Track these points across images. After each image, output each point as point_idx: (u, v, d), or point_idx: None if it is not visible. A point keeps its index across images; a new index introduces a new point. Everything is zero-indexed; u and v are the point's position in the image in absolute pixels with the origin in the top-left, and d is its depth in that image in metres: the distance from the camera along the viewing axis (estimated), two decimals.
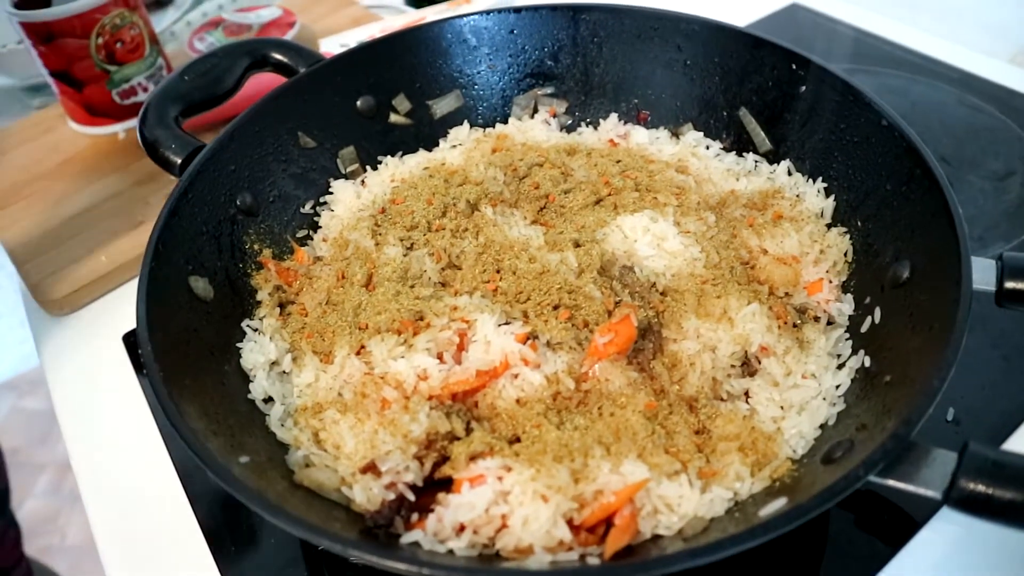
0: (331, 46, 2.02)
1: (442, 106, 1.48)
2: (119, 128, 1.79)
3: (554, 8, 1.45)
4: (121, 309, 1.47)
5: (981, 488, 0.73)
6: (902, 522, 1.04)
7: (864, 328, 1.06)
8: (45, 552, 3.21)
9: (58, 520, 3.41)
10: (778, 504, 0.80)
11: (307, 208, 1.34)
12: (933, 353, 0.85)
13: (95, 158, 1.75)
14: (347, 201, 1.33)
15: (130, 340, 1.40)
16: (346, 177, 1.40)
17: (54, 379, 1.40)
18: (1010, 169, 1.62)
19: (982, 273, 0.93)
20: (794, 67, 1.28)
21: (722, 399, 1.02)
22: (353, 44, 1.90)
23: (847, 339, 1.08)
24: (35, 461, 3.61)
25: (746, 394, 1.03)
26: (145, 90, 1.79)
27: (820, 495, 0.73)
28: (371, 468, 0.92)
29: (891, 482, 0.77)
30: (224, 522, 1.11)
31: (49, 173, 1.72)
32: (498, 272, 1.13)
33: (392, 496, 0.89)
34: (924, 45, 1.95)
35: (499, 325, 1.03)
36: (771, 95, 1.33)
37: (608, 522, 0.87)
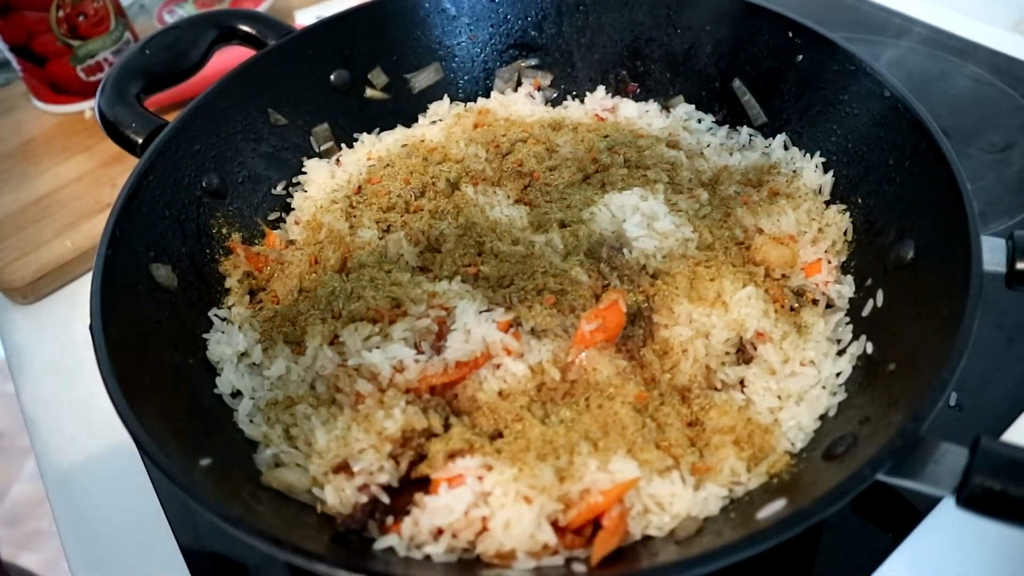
0: (307, 18, 1.93)
1: (421, 80, 1.41)
2: (85, 106, 1.72)
3: None
4: (88, 297, 1.40)
5: (997, 487, 0.68)
6: (903, 510, 1.00)
7: (866, 312, 1.00)
8: (33, 537, 3.16)
9: (46, 505, 3.36)
10: (777, 505, 0.75)
11: (279, 189, 1.27)
12: (941, 340, 0.79)
13: (60, 137, 1.68)
14: (321, 181, 1.27)
15: None
16: (320, 156, 1.33)
17: (19, 371, 1.35)
18: (1010, 141, 1.57)
19: (992, 253, 0.87)
20: (791, 35, 1.21)
21: (716, 389, 0.97)
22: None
23: (847, 323, 1.02)
24: (21, 445, 3.56)
25: (741, 383, 0.97)
26: (112, 66, 1.71)
27: (824, 498, 0.68)
28: (343, 467, 0.86)
29: (898, 480, 0.72)
30: (196, 522, 1.06)
31: (11, 154, 1.65)
32: (479, 255, 1.07)
33: (365, 499, 0.83)
34: (922, 13, 1.88)
35: (480, 312, 0.98)
36: (766, 65, 1.27)
37: (596, 523, 0.82)
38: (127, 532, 1.09)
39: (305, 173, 1.29)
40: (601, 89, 1.42)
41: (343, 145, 1.35)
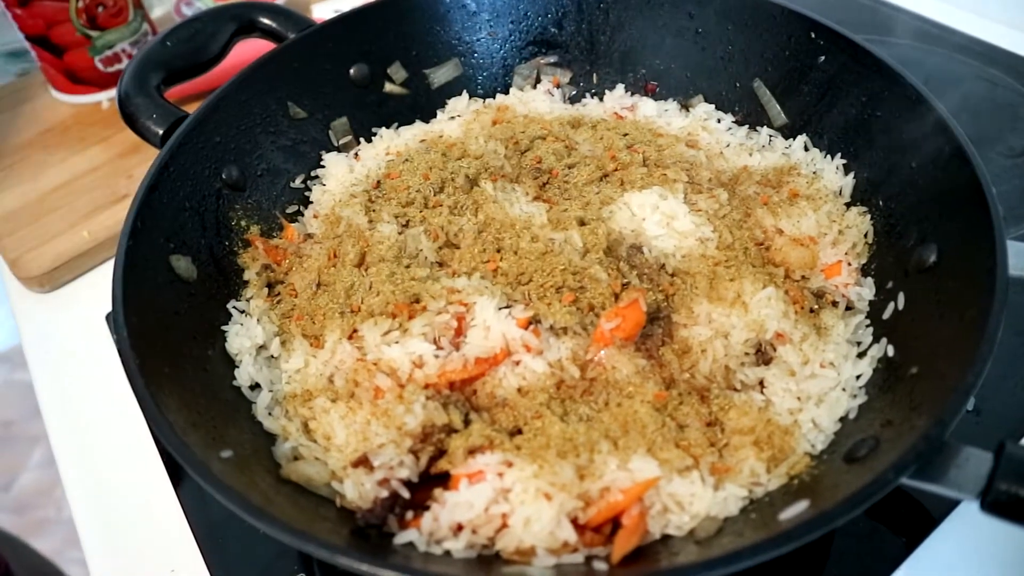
0: (324, 12, 1.94)
1: (440, 75, 1.41)
2: (102, 97, 1.72)
3: None
4: (104, 287, 1.38)
5: (1022, 492, 0.68)
6: (918, 515, 0.99)
7: (886, 315, 1.00)
8: (41, 524, 3.18)
9: (53, 493, 3.38)
10: (799, 507, 0.75)
11: (297, 182, 1.27)
12: (965, 345, 0.79)
13: (77, 128, 1.68)
14: (339, 175, 1.27)
15: None
16: (338, 150, 1.33)
17: (35, 359, 1.35)
18: None
19: (1016, 258, 0.86)
20: (813, 36, 1.21)
21: (735, 389, 0.97)
22: (347, 9, 1.82)
23: (867, 326, 1.02)
24: (30, 434, 3.57)
25: (761, 384, 0.97)
26: (129, 57, 1.71)
27: (848, 500, 0.68)
28: (363, 462, 0.86)
29: (920, 484, 0.72)
30: (210, 510, 1.06)
31: (29, 143, 1.65)
32: (498, 252, 1.07)
33: (385, 493, 0.83)
34: (941, 15, 1.87)
35: (499, 309, 0.98)
36: (787, 65, 1.26)
37: (615, 521, 0.82)
38: (141, 518, 1.09)
39: (323, 167, 1.29)
40: (620, 87, 1.41)
41: (361, 139, 1.35)
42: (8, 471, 3.38)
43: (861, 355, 0.99)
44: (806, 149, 1.24)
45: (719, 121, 1.34)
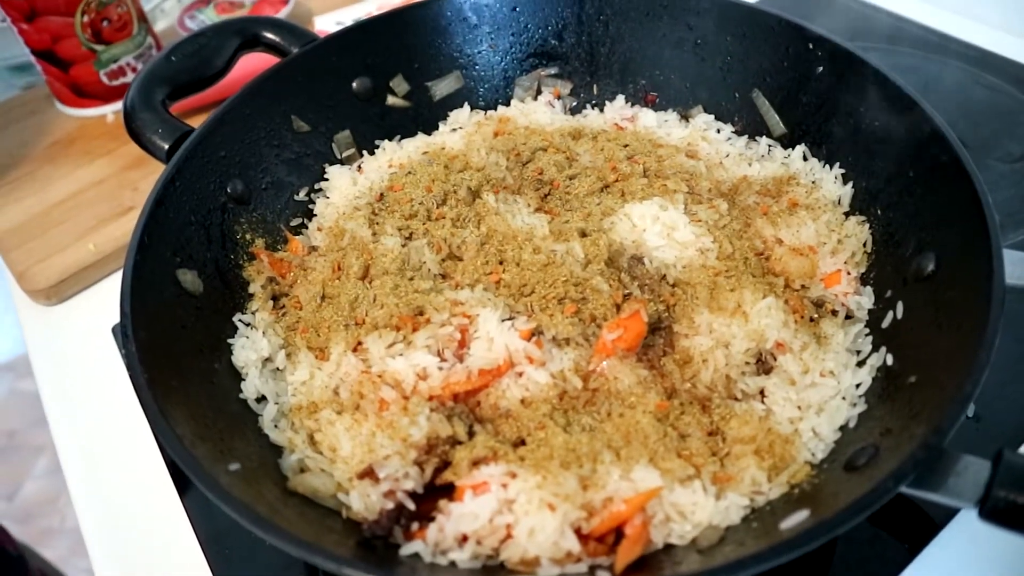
0: (327, 24, 1.96)
1: (441, 88, 1.42)
2: (107, 110, 1.74)
3: None
4: (110, 299, 1.42)
5: (1020, 499, 0.68)
6: (920, 521, 1.00)
7: (885, 324, 1.01)
8: (45, 534, 3.18)
9: (58, 502, 3.39)
10: (800, 516, 0.76)
11: (301, 195, 1.29)
12: (963, 354, 0.80)
13: (83, 141, 1.70)
14: (343, 188, 1.28)
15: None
16: (342, 162, 1.34)
17: (42, 371, 1.36)
18: None
19: (1014, 267, 0.87)
20: (811, 46, 1.22)
21: (736, 399, 0.97)
22: (349, 22, 1.84)
23: (867, 335, 1.03)
24: (34, 443, 3.59)
25: (761, 393, 0.98)
26: (134, 70, 1.73)
27: (848, 509, 0.68)
28: (369, 474, 0.87)
29: (919, 492, 0.73)
30: (216, 519, 1.07)
31: (35, 156, 1.67)
32: (501, 263, 1.08)
33: (391, 505, 0.84)
34: (938, 21, 1.88)
35: (502, 320, 0.99)
36: (786, 76, 1.27)
37: (618, 531, 0.83)
38: (147, 528, 1.10)
39: (327, 180, 1.31)
40: (621, 98, 1.43)
41: (364, 152, 1.36)
42: (12, 480, 3.39)
43: (860, 364, 1.00)
44: (805, 159, 1.25)
45: (719, 131, 1.35)
